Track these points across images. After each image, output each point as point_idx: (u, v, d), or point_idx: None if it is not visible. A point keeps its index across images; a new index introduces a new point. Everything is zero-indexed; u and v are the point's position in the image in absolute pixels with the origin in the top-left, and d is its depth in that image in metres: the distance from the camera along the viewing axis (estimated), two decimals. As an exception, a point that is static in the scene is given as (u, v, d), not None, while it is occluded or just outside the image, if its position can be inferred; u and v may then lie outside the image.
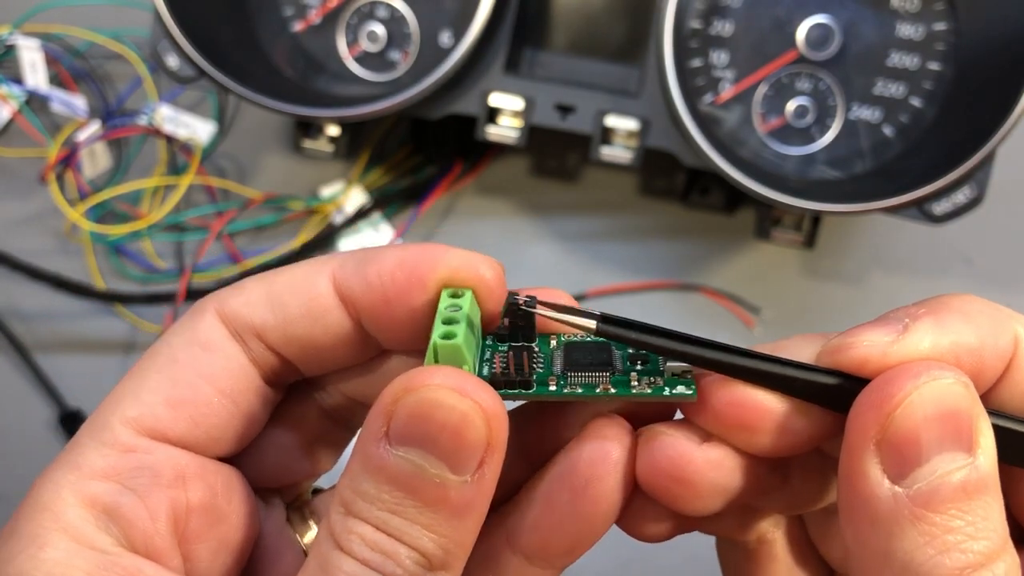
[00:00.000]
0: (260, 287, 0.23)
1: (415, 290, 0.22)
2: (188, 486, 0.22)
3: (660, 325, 0.22)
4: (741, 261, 0.53)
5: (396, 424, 0.19)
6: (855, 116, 0.48)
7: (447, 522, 0.20)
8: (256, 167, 0.56)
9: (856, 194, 0.43)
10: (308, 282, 0.23)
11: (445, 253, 0.23)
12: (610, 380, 0.22)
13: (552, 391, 0.22)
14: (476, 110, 0.47)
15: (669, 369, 0.22)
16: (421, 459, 0.19)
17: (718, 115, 0.49)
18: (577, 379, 0.22)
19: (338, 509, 0.20)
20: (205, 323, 0.23)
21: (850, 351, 0.21)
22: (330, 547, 0.20)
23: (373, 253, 0.23)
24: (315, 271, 0.23)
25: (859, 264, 0.53)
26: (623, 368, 0.23)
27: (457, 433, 0.19)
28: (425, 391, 0.19)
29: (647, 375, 0.22)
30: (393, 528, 0.20)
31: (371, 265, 0.23)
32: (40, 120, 0.55)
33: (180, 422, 0.22)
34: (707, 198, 0.52)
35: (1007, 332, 0.21)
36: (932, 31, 0.47)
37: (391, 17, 0.50)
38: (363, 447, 0.20)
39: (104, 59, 0.57)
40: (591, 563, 0.48)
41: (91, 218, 0.53)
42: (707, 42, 0.48)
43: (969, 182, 0.42)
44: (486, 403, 0.20)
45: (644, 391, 0.22)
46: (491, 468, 0.20)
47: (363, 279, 0.23)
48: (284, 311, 0.23)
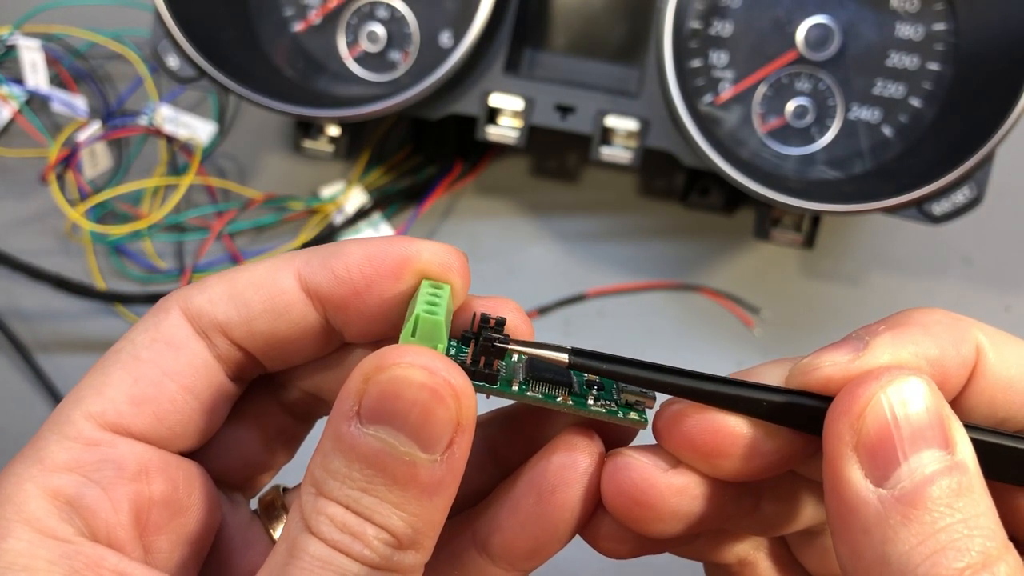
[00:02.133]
0: (224, 284, 0.24)
1: (385, 281, 0.23)
2: (150, 479, 0.23)
3: (627, 356, 0.23)
4: (741, 261, 0.53)
5: (367, 402, 0.20)
6: (855, 116, 0.48)
7: (416, 501, 0.20)
8: (256, 167, 0.56)
9: (855, 194, 0.43)
10: (271, 278, 0.23)
11: (413, 245, 0.23)
12: (569, 395, 0.23)
13: (514, 391, 0.23)
14: (476, 110, 0.47)
15: (623, 397, 0.23)
16: (391, 437, 0.20)
17: (718, 115, 0.49)
18: (539, 387, 0.23)
19: (309, 489, 0.20)
20: (169, 320, 0.23)
21: (814, 372, 0.21)
22: (299, 529, 0.20)
23: (340, 247, 0.24)
24: (279, 267, 0.24)
25: (858, 264, 0.53)
26: (580, 391, 0.23)
27: (427, 411, 0.20)
28: (396, 369, 0.20)
29: (603, 399, 0.23)
30: (363, 507, 0.20)
31: (338, 259, 0.23)
32: (41, 120, 0.56)
33: (143, 418, 0.23)
34: (707, 198, 0.52)
35: (968, 340, 0.22)
36: (931, 31, 0.47)
37: (391, 17, 0.50)
38: (334, 426, 0.20)
39: (105, 59, 0.57)
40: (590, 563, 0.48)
41: (92, 218, 0.53)
42: (707, 42, 0.48)
43: (968, 182, 0.42)
44: (457, 382, 0.20)
45: (599, 411, 0.23)
46: (460, 447, 0.20)
47: (330, 273, 0.23)
48: (247, 307, 0.23)
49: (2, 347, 0.52)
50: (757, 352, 0.51)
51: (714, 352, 0.51)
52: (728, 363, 0.51)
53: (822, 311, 0.53)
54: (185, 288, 0.24)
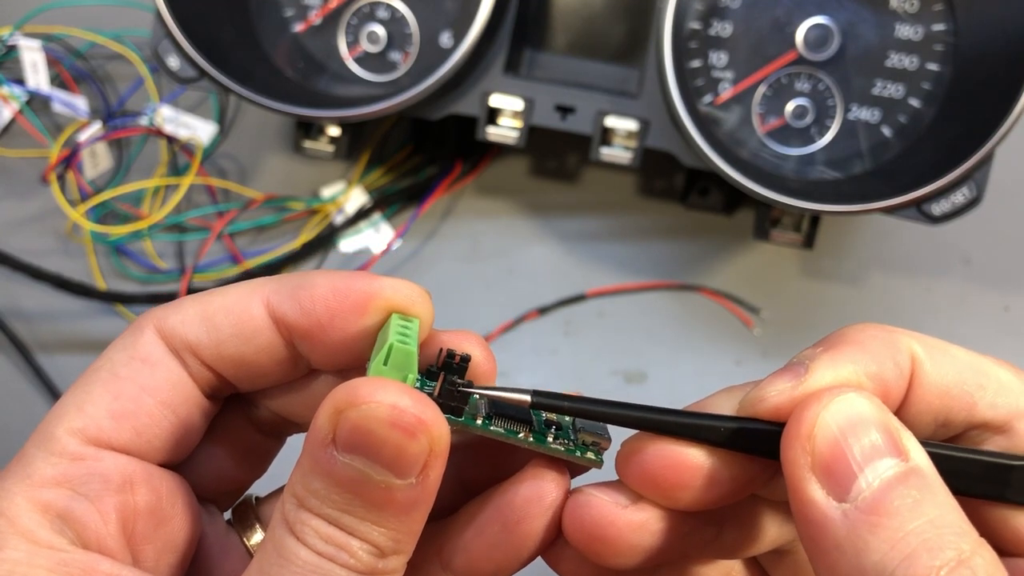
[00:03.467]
0: (196, 307, 0.24)
1: (349, 316, 0.24)
2: (135, 490, 0.23)
3: (587, 397, 0.24)
4: (740, 261, 0.54)
5: (341, 433, 0.20)
6: (854, 117, 0.48)
7: (395, 518, 0.21)
8: (257, 167, 0.56)
9: (855, 194, 0.44)
10: (241, 304, 0.24)
11: (377, 282, 0.24)
12: (530, 431, 0.24)
13: (478, 424, 0.24)
14: (476, 111, 0.47)
15: (580, 438, 0.24)
16: (366, 467, 0.20)
17: (717, 116, 0.49)
18: (501, 423, 0.24)
19: (291, 500, 0.21)
20: (145, 339, 0.24)
21: (762, 403, 0.22)
22: (284, 533, 0.21)
23: (308, 278, 0.24)
24: (249, 293, 0.24)
25: (858, 264, 0.53)
26: (540, 429, 0.24)
27: (399, 447, 0.20)
28: (368, 408, 0.20)
29: (561, 437, 0.24)
30: (344, 524, 0.21)
31: (305, 291, 0.24)
32: (41, 121, 0.56)
33: (124, 432, 0.23)
34: (706, 198, 0.52)
35: (903, 351, 0.22)
36: (931, 32, 0.47)
37: (391, 18, 0.50)
38: (312, 449, 0.21)
39: (105, 60, 0.57)
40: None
41: (92, 218, 0.53)
42: (706, 43, 0.48)
43: (968, 182, 0.42)
44: (427, 416, 0.20)
45: (557, 448, 0.24)
46: (435, 470, 0.21)
47: (296, 304, 0.24)
48: (217, 331, 0.24)
49: (3, 347, 0.52)
50: (757, 352, 0.51)
51: (714, 352, 0.51)
52: (728, 363, 0.51)
53: (822, 311, 0.53)
54: (160, 308, 0.25)
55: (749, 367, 0.51)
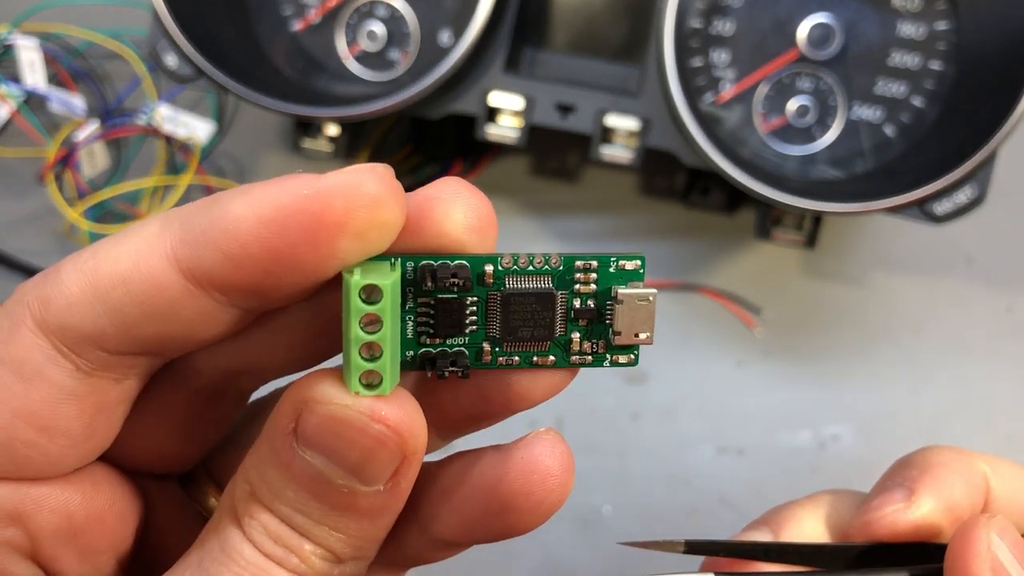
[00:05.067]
0: (82, 282, 0.18)
1: (303, 249, 0.17)
2: (27, 520, 0.20)
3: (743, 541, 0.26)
4: (742, 261, 0.53)
5: (304, 427, 0.17)
6: (856, 116, 0.48)
7: (356, 524, 0.18)
8: (255, 167, 0.56)
9: (857, 194, 0.43)
10: (140, 272, 0.18)
11: (323, 186, 0.17)
12: (549, 347, 0.20)
13: (486, 364, 0.20)
14: (476, 109, 0.47)
15: (617, 341, 0.21)
16: (327, 468, 0.18)
17: (719, 115, 0.49)
18: (513, 347, 0.20)
19: (243, 487, 0.18)
20: (22, 343, 0.18)
21: (880, 523, 0.25)
22: (230, 524, 0.18)
23: (217, 211, 0.18)
24: (146, 252, 0.18)
25: (860, 264, 0.53)
26: (567, 328, 0.21)
27: (368, 454, 0.18)
28: (333, 408, 0.17)
29: (589, 339, 0.21)
30: (297, 524, 0.18)
31: (224, 232, 0.17)
32: (39, 120, 0.55)
33: (1, 463, 0.19)
34: (708, 198, 0.52)
35: (979, 472, 0.26)
36: (933, 30, 0.47)
37: (391, 16, 0.50)
38: (270, 437, 0.18)
39: (103, 58, 0.57)
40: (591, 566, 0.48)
41: (90, 218, 0.53)
42: (708, 41, 0.48)
43: (970, 182, 0.42)
44: (402, 423, 0.18)
45: (585, 361, 0.21)
46: (407, 477, 0.18)
47: (222, 255, 0.17)
48: (118, 314, 0.18)
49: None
50: (758, 352, 0.51)
51: (715, 352, 0.51)
52: (729, 363, 0.51)
53: (823, 311, 0.52)
54: (37, 284, 0.19)
55: (750, 367, 0.51)
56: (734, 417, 0.50)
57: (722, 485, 0.49)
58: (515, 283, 0.20)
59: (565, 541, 0.48)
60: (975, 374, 0.51)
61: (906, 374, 0.51)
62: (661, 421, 0.50)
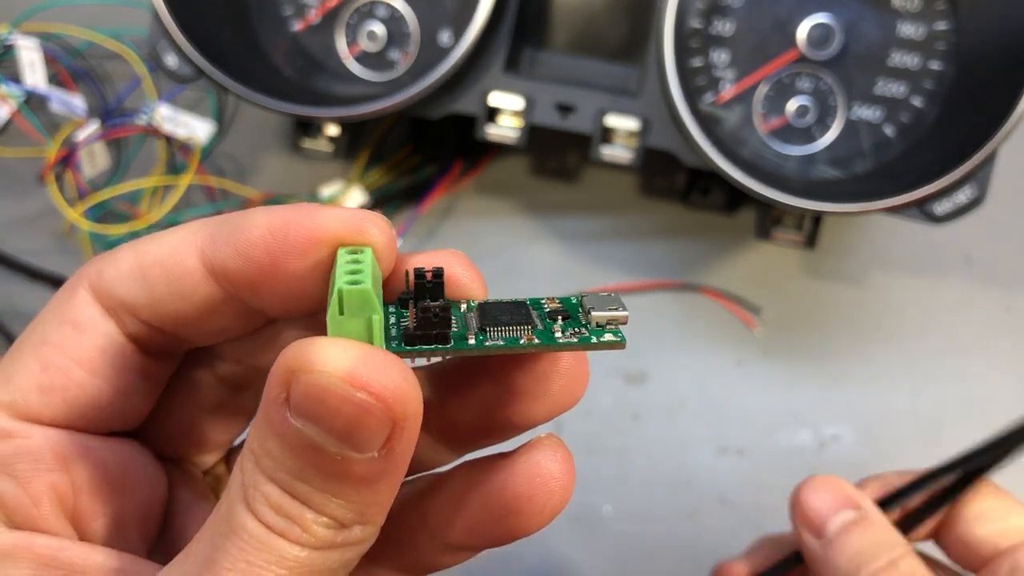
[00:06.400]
0: (132, 258, 0.22)
1: (293, 257, 0.20)
2: (72, 468, 0.22)
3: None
4: (742, 261, 0.53)
5: (294, 396, 0.18)
6: (856, 116, 0.48)
7: (355, 490, 0.19)
8: (255, 167, 0.56)
9: (857, 194, 0.43)
10: (175, 258, 0.21)
11: (320, 213, 0.21)
12: (533, 332, 0.21)
13: (471, 344, 0.20)
14: (476, 110, 0.47)
15: (594, 319, 0.21)
16: (319, 436, 0.18)
17: (719, 115, 0.49)
18: (496, 333, 0.21)
19: (249, 457, 0.19)
20: (78, 300, 0.22)
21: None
22: (237, 498, 0.19)
23: (244, 219, 0.21)
24: (182, 241, 0.21)
25: (860, 264, 0.53)
26: (544, 323, 0.21)
27: (353, 422, 0.18)
28: (316, 376, 0.17)
29: (571, 327, 0.21)
30: (298, 492, 0.18)
31: (241, 234, 0.21)
32: (39, 120, 0.55)
33: (54, 405, 0.22)
34: (708, 198, 0.52)
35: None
36: (933, 31, 0.47)
37: (391, 16, 0.50)
38: (266, 406, 0.19)
39: (103, 59, 0.57)
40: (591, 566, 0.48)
41: (90, 218, 0.53)
42: (708, 41, 0.48)
43: (970, 182, 0.42)
44: (389, 389, 0.18)
45: (571, 341, 0.21)
46: (402, 443, 0.18)
47: (235, 251, 0.21)
48: (152, 288, 0.22)
49: (1, 347, 0.52)
50: (758, 352, 0.51)
51: (715, 352, 0.51)
52: (729, 363, 0.51)
53: (823, 311, 0.52)
54: (99, 259, 0.22)
55: (750, 367, 0.51)
56: (734, 417, 0.50)
57: (722, 485, 0.49)
58: (487, 301, 0.22)
59: (565, 541, 0.48)
60: (975, 374, 0.51)
61: (906, 374, 0.51)
62: (661, 421, 0.50)
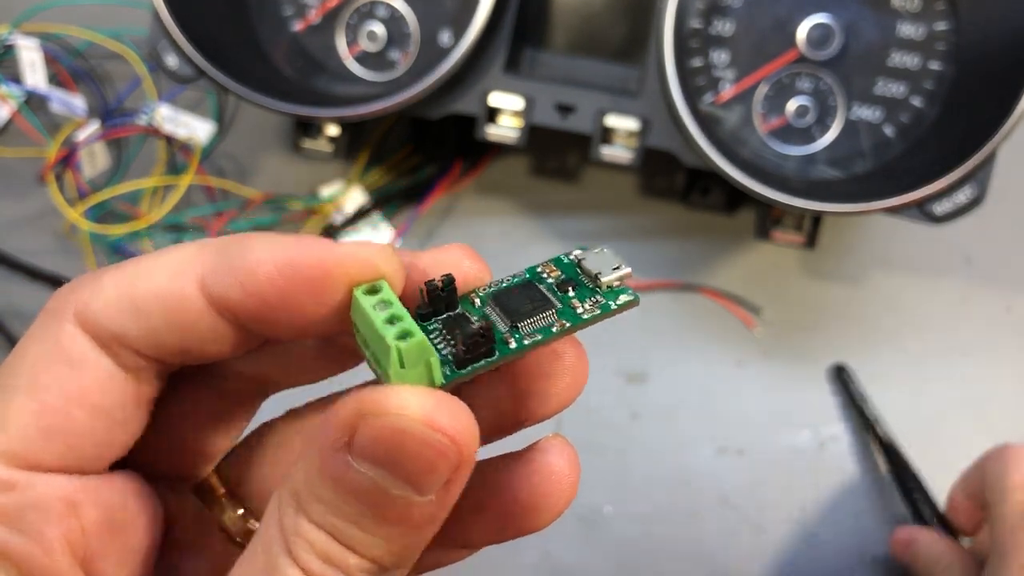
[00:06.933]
0: (119, 289, 0.21)
1: (304, 299, 0.20)
2: (80, 512, 0.21)
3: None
4: (741, 261, 0.53)
5: (361, 441, 0.18)
6: (856, 116, 0.48)
7: (406, 535, 0.19)
8: (255, 167, 0.56)
9: (857, 194, 0.43)
10: (173, 290, 0.20)
11: (329, 255, 0.20)
12: (558, 315, 0.21)
13: (514, 348, 0.21)
14: (476, 110, 0.47)
15: (605, 283, 0.22)
16: (384, 480, 0.18)
17: (719, 115, 0.49)
18: (529, 326, 0.21)
19: (289, 502, 0.19)
20: (66, 335, 0.21)
21: None
22: (279, 548, 0.19)
23: (245, 249, 0.20)
24: (180, 273, 0.21)
25: (860, 264, 0.53)
26: (560, 300, 0.22)
27: (429, 464, 0.18)
28: (394, 419, 0.18)
29: (587, 298, 0.22)
30: (347, 537, 0.19)
31: (245, 271, 0.20)
32: (39, 120, 0.55)
33: (56, 449, 0.21)
34: (707, 198, 0.52)
35: None
36: (933, 31, 0.47)
37: (391, 17, 0.50)
38: (321, 452, 0.18)
39: (103, 59, 0.57)
40: (592, 565, 0.48)
41: (90, 218, 0.53)
42: (707, 42, 0.48)
43: (970, 182, 0.42)
44: (458, 431, 0.18)
45: (595, 313, 0.21)
46: (457, 484, 0.19)
47: (241, 289, 0.20)
48: (147, 321, 0.21)
49: (1, 347, 0.52)
50: (758, 352, 0.51)
51: (715, 352, 0.51)
52: (729, 363, 0.51)
53: (823, 311, 0.52)
54: (77, 287, 0.21)
55: (750, 367, 0.51)
56: (734, 417, 0.50)
57: (722, 485, 0.49)
58: (495, 288, 0.22)
59: (565, 541, 0.48)
60: (974, 374, 0.51)
61: (905, 374, 0.51)
62: (661, 421, 0.50)
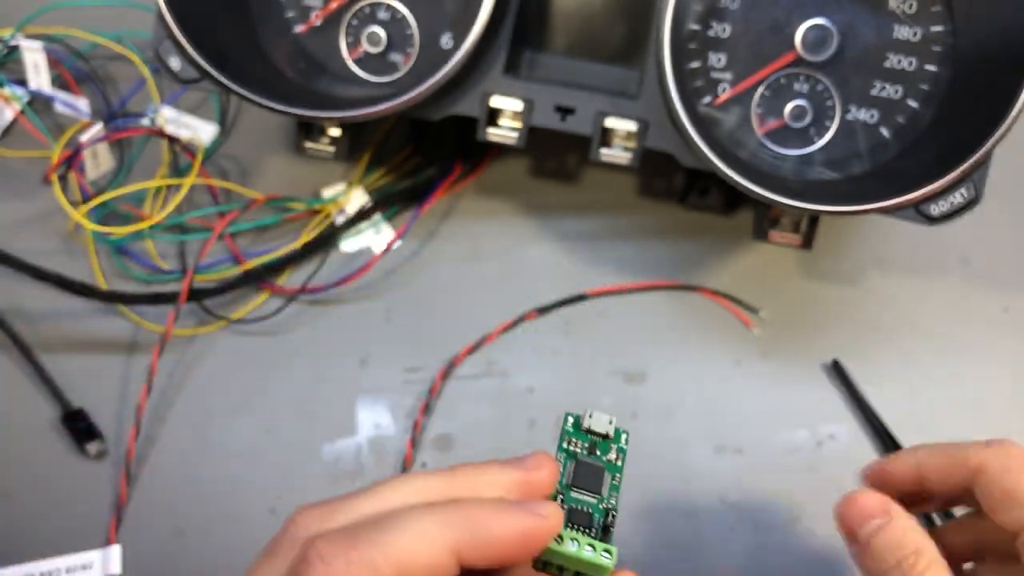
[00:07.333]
0: (378, 560, 0.25)
1: (527, 557, 0.28)
2: None
3: None
4: (740, 261, 0.54)
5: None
6: (852, 117, 0.48)
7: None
8: (258, 168, 0.56)
9: (854, 195, 0.44)
10: (426, 563, 0.26)
11: (547, 526, 0.28)
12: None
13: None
14: (476, 112, 0.47)
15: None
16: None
17: (717, 116, 0.49)
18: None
19: None
20: None
21: None
22: None
23: (488, 527, 0.27)
24: (430, 546, 0.26)
25: (856, 264, 0.54)
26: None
27: None
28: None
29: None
30: None
31: (491, 545, 0.27)
32: (43, 121, 0.56)
33: None
34: (706, 199, 0.52)
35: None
36: (929, 33, 0.47)
37: (392, 19, 0.50)
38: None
39: (107, 61, 0.57)
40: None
41: (94, 219, 0.53)
42: (706, 44, 0.48)
43: (966, 183, 0.42)
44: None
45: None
46: None
47: (486, 555, 0.27)
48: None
49: (5, 347, 0.52)
50: (756, 352, 0.52)
51: (713, 352, 0.52)
52: (727, 363, 0.51)
53: (821, 311, 0.53)
54: (324, 550, 0.26)
55: (748, 367, 0.51)
56: (732, 416, 0.50)
57: (721, 484, 0.49)
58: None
59: (565, 539, 0.48)
60: (971, 374, 0.51)
61: (903, 374, 0.51)
62: (659, 421, 0.50)
